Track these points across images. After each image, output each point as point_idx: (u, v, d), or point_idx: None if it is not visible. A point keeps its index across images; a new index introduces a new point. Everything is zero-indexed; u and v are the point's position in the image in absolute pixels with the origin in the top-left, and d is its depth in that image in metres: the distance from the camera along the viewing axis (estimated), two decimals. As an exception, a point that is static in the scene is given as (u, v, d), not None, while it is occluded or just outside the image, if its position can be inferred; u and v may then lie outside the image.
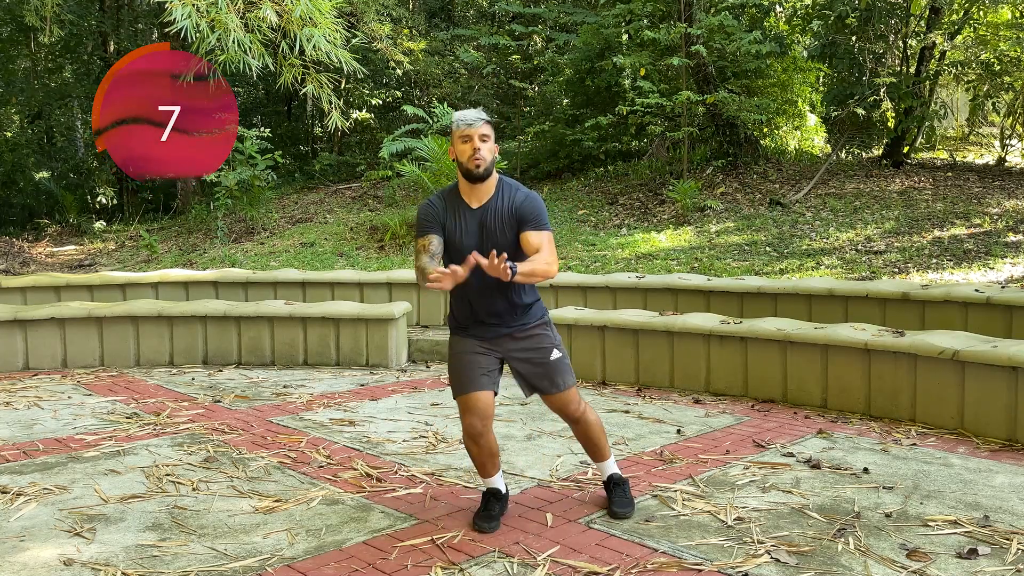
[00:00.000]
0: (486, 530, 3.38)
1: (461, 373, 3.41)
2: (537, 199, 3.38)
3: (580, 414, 3.53)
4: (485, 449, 3.45)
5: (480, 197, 3.35)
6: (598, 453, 3.63)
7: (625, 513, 3.48)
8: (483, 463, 3.50)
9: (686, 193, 11.73)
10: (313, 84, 7.56)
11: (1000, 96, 14.30)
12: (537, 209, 3.34)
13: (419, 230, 3.40)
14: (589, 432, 3.57)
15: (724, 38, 12.86)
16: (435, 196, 3.44)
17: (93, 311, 7.05)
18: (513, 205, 3.34)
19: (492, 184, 3.37)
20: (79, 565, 3.09)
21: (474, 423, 3.38)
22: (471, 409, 3.38)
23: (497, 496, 3.52)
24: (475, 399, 3.37)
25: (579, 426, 3.56)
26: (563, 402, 3.49)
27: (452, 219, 3.36)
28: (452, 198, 3.39)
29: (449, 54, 18.95)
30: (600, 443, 3.60)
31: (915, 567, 2.99)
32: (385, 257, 11.29)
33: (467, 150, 3.27)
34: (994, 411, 4.61)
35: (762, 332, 5.61)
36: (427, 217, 3.37)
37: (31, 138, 20.40)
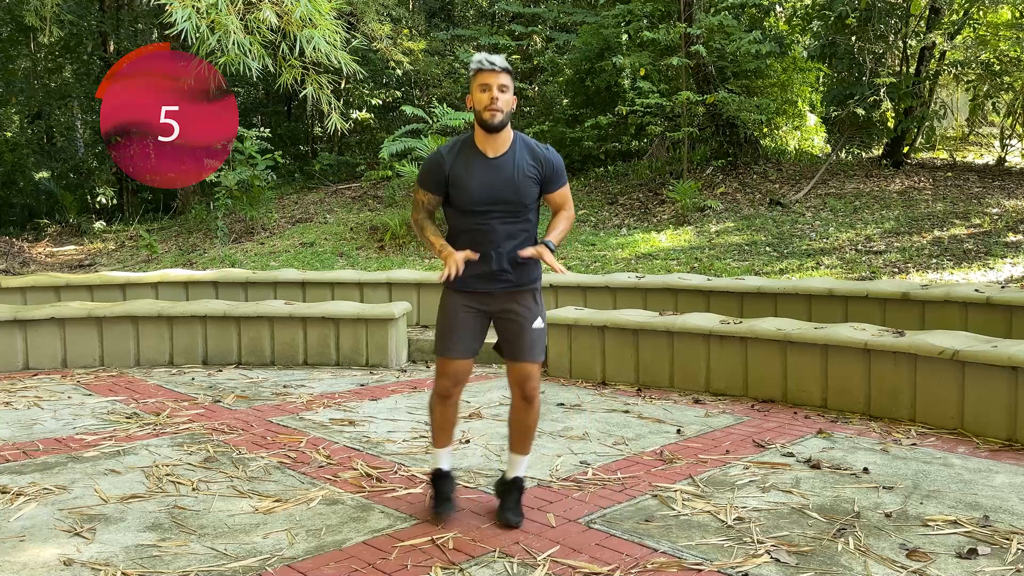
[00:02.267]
0: (443, 513, 3.43)
1: (449, 334, 3.43)
2: (557, 155, 3.47)
3: (534, 394, 3.46)
4: (450, 411, 3.51)
5: (497, 147, 3.34)
6: (524, 444, 3.54)
7: (517, 522, 3.40)
8: (442, 428, 3.54)
9: (686, 193, 11.73)
10: (313, 86, 7.56)
11: (1000, 96, 14.30)
12: (561, 165, 3.47)
13: (420, 179, 3.41)
14: (530, 419, 3.50)
15: (724, 38, 12.87)
16: (447, 146, 3.41)
17: (93, 311, 7.05)
18: (536, 157, 3.37)
19: (508, 136, 3.36)
20: (79, 565, 3.09)
21: (447, 385, 3.45)
22: (448, 372, 3.44)
23: (444, 476, 3.56)
24: (456, 365, 3.43)
25: (529, 408, 3.47)
26: (527, 374, 3.43)
27: (465, 169, 3.32)
28: (467, 148, 3.36)
29: (449, 54, 18.95)
30: (532, 435, 3.55)
31: (915, 567, 2.99)
32: (385, 257, 11.29)
33: (484, 99, 3.24)
34: (994, 411, 4.61)
35: (762, 332, 5.61)
36: (430, 172, 3.38)
37: (31, 138, 20.40)
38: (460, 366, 3.44)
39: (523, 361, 3.43)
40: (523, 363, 3.43)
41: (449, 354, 3.44)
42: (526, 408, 3.49)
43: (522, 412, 3.51)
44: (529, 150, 3.37)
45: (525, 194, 3.33)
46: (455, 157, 3.35)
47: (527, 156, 3.36)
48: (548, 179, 3.39)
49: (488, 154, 3.33)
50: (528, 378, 3.45)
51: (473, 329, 3.45)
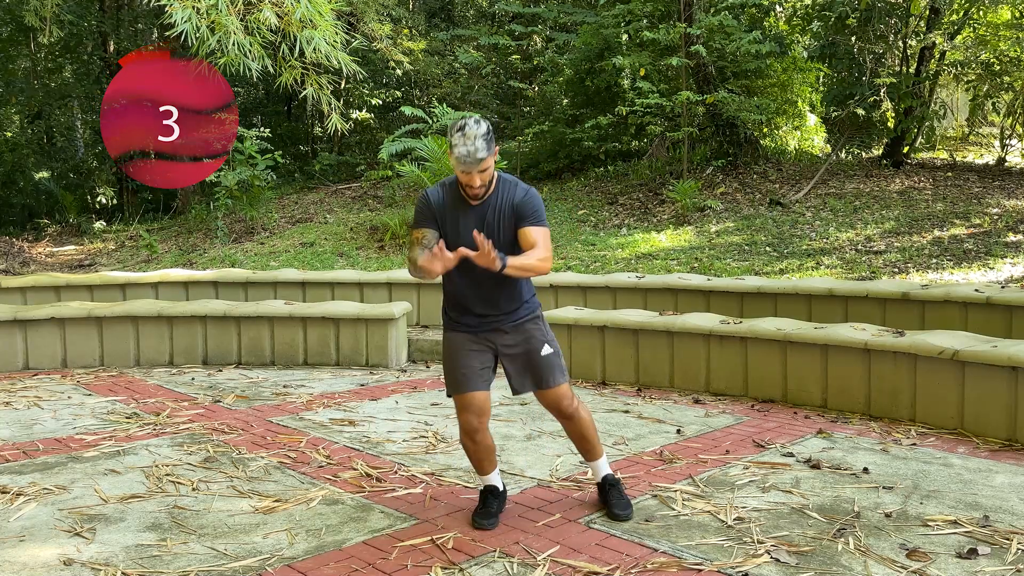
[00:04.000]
0: (485, 527, 3.39)
1: (456, 372, 3.42)
2: (536, 196, 3.39)
3: (573, 411, 3.50)
4: (482, 446, 3.47)
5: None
6: (591, 452, 3.61)
7: (626, 515, 3.47)
8: (480, 460, 3.51)
9: (686, 193, 11.73)
10: (313, 86, 7.56)
11: (1000, 96, 14.29)
12: (535, 205, 3.35)
13: (414, 222, 3.42)
14: (582, 430, 3.55)
15: (724, 38, 12.86)
16: (435, 188, 3.43)
17: (93, 311, 7.05)
18: (513, 202, 3.34)
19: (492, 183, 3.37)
20: (79, 565, 3.09)
21: (470, 420, 3.40)
22: (467, 407, 3.40)
23: (495, 493, 3.54)
24: (471, 398, 3.39)
25: (572, 423, 3.54)
26: (556, 398, 3.47)
27: (450, 214, 3.35)
28: (452, 192, 3.38)
29: (449, 54, 18.95)
30: (593, 441, 3.58)
31: (915, 567, 2.99)
32: (385, 257, 11.29)
33: (465, 180, 3.25)
34: (994, 411, 4.61)
35: (762, 332, 5.61)
36: (422, 211, 3.39)
37: (31, 138, 20.39)
38: (478, 399, 3.40)
39: (548, 389, 3.46)
40: (549, 391, 3.46)
41: (462, 389, 3.41)
42: (571, 424, 3.54)
43: (571, 428, 3.56)
44: (511, 192, 3.36)
45: (503, 236, 3.33)
46: (441, 201, 3.37)
47: (507, 198, 3.36)
48: (519, 215, 3.33)
49: (471, 201, 3.36)
50: (558, 401, 3.48)
51: (479, 363, 3.43)
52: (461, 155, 3.18)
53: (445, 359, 3.50)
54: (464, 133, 3.18)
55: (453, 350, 3.46)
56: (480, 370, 3.42)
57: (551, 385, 3.45)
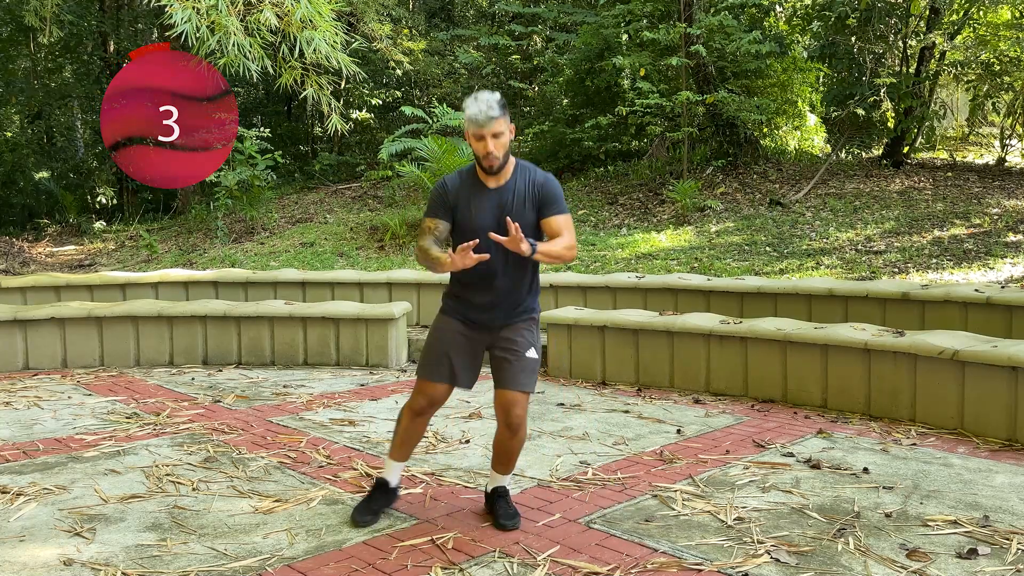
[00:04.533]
0: (359, 523, 3.41)
1: (432, 355, 3.43)
2: (555, 182, 3.40)
3: (519, 424, 3.37)
4: (415, 430, 3.50)
5: (498, 178, 3.36)
6: (506, 467, 3.51)
7: (513, 524, 3.39)
8: (403, 442, 3.52)
9: (686, 193, 11.73)
10: (313, 87, 7.56)
11: (1000, 96, 14.29)
12: (557, 192, 3.36)
13: (427, 210, 3.42)
14: (513, 446, 3.43)
15: (724, 38, 12.87)
16: (452, 176, 3.44)
17: (93, 311, 7.06)
18: (533, 187, 3.34)
19: (509, 166, 3.37)
20: (79, 565, 3.09)
21: (421, 402, 3.45)
22: (425, 392, 3.43)
23: (385, 489, 3.54)
24: (432, 387, 3.42)
25: (511, 435, 3.40)
26: (512, 401, 3.34)
27: (467, 199, 3.34)
28: (469, 178, 3.39)
29: (449, 54, 18.95)
30: (514, 459, 3.51)
31: (915, 567, 2.99)
32: (385, 257, 11.29)
33: (480, 148, 3.26)
34: (994, 411, 4.61)
35: (762, 332, 5.61)
36: (437, 201, 3.39)
37: (31, 138, 20.39)
38: (438, 389, 3.41)
39: (511, 389, 3.35)
40: (510, 391, 3.35)
41: (427, 376, 3.42)
42: (510, 436, 3.41)
43: (505, 439, 3.43)
44: (529, 178, 3.37)
45: (523, 222, 3.30)
46: (458, 187, 3.38)
47: (526, 184, 3.36)
48: (543, 203, 3.33)
49: (489, 184, 3.36)
50: (513, 406, 3.34)
51: (465, 356, 3.41)
52: (473, 113, 3.21)
53: (428, 337, 3.47)
54: (476, 97, 3.25)
55: (440, 332, 3.44)
56: (458, 362, 3.40)
57: (517, 388, 3.34)
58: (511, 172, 3.37)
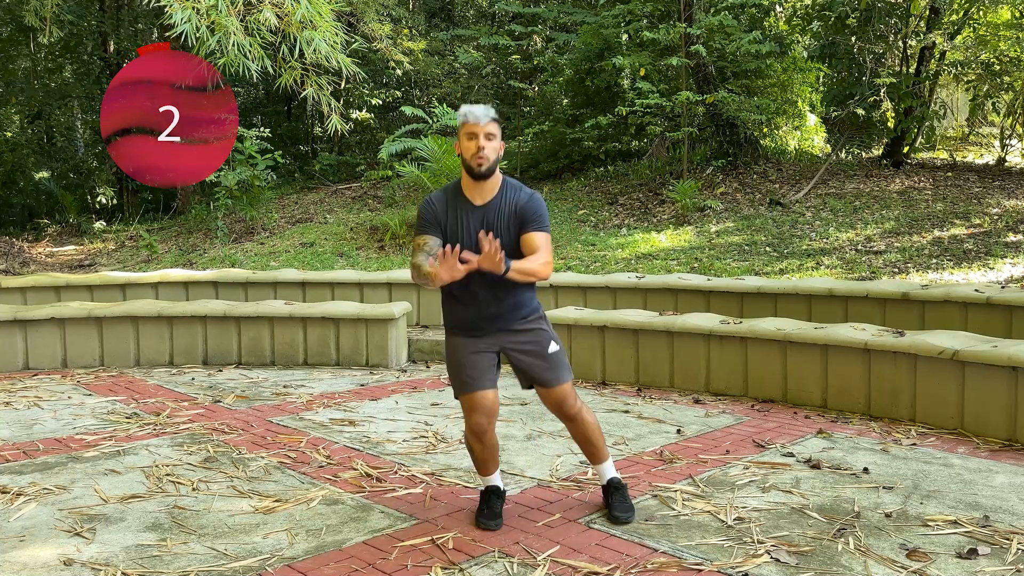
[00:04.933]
0: (491, 528, 3.39)
1: (462, 372, 3.40)
2: (540, 200, 3.40)
3: (576, 411, 3.48)
4: (488, 447, 3.46)
5: (484, 195, 3.36)
6: (595, 455, 3.59)
7: (626, 518, 3.45)
8: (485, 461, 3.50)
9: (686, 193, 11.73)
10: (313, 87, 7.56)
11: (1000, 96, 14.29)
12: (539, 210, 3.37)
13: (417, 229, 3.42)
14: (587, 432, 3.53)
15: (724, 38, 12.87)
16: (437, 193, 3.44)
17: (93, 311, 7.06)
18: (517, 205, 3.35)
19: (496, 183, 3.37)
20: (79, 565, 3.09)
21: (480, 421, 3.38)
22: (477, 408, 3.37)
23: (498, 494, 3.53)
24: (480, 397, 3.37)
25: (575, 425, 3.52)
26: (560, 397, 3.45)
27: (454, 217, 3.36)
28: (455, 195, 3.40)
29: (449, 54, 18.96)
30: (598, 444, 3.56)
31: (915, 567, 2.99)
32: (385, 257, 11.29)
33: (471, 147, 3.27)
34: (994, 411, 4.61)
35: (762, 332, 5.61)
36: (425, 217, 3.38)
37: (31, 138, 20.39)
38: (488, 398, 3.38)
39: (553, 387, 3.44)
40: (552, 389, 3.44)
41: (469, 388, 3.39)
42: (575, 425, 3.52)
43: (575, 430, 3.54)
44: (515, 195, 3.38)
45: (506, 240, 3.33)
46: (445, 204, 3.38)
47: (511, 202, 3.37)
48: (523, 220, 3.34)
49: (475, 201, 3.36)
50: (562, 400, 3.45)
51: (484, 364, 3.42)
52: (468, 109, 3.26)
53: (448, 361, 3.48)
54: (471, 105, 3.32)
55: (456, 352, 3.44)
56: (486, 369, 3.40)
57: (557, 383, 3.43)
58: (497, 189, 3.37)
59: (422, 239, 3.36)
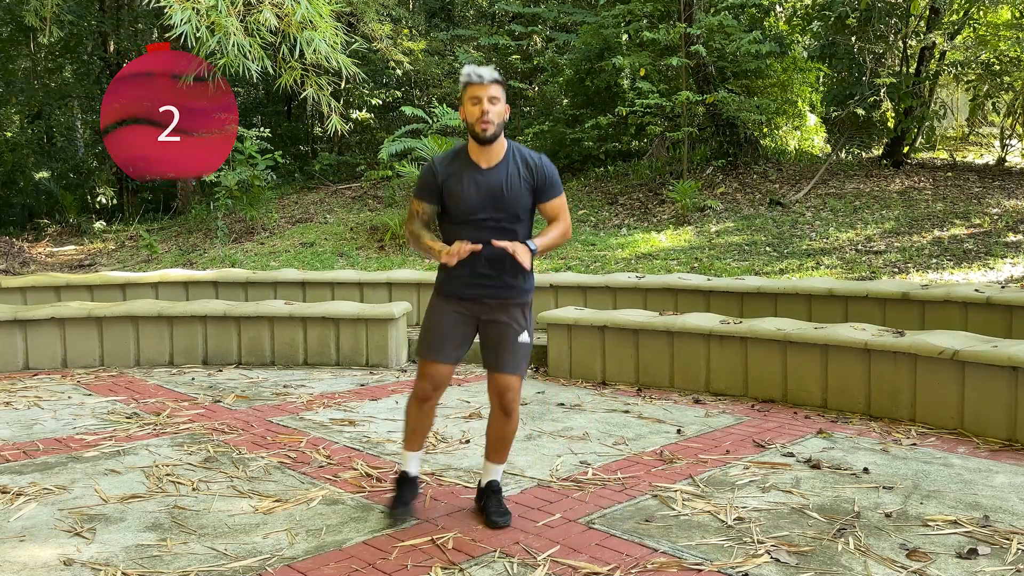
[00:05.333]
0: (398, 517, 3.41)
1: (432, 337, 3.43)
2: (550, 164, 3.42)
3: (513, 407, 3.44)
4: (425, 417, 3.50)
5: (490, 158, 3.33)
6: (500, 454, 3.54)
7: (504, 522, 3.40)
8: (415, 431, 3.53)
9: (686, 193, 11.73)
10: (312, 87, 7.56)
11: (1000, 96, 14.29)
12: (554, 175, 3.39)
13: (416, 191, 3.42)
14: (508, 432, 3.48)
15: (724, 38, 12.87)
16: (440, 157, 3.41)
17: (93, 311, 7.05)
18: (530, 169, 3.34)
19: (502, 146, 3.35)
20: (79, 565, 3.09)
21: (425, 387, 3.44)
22: (429, 375, 3.43)
23: (408, 480, 3.54)
24: (435, 368, 3.42)
25: (507, 421, 3.45)
26: (506, 385, 3.41)
27: (458, 179, 3.32)
28: (461, 158, 3.36)
29: (449, 54, 18.95)
30: (508, 446, 3.54)
31: (915, 567, 2.99)
32: (385, 257, 11.29)
33: (475, 112, 3.24)
34: (994, 411, 4.61)
35: (762, 332, 5.61)
36: (424, 183, 3.38)
37: (31, 138, 20.39)
38: (442, 370, 3.42)
39: (504, 372, 3.40)
40: (504, 374, 3.41)
41: (432, 357, 3.42)
42: (504, 420, 3.46)
43: (500, 423, 3.48)
44: (523, 159, 3.36)
45: (517, 204, 3.32)
46: (448, 167, 3.35)
47: (520, 166, 3.35)
48: (540, 188, 3.35)
49: (481, 165, 3.33)
50: (507, 389, 3.41)
51: (459, 334, 3.42)
52: (470, 71, 3.24)
53: (425, 320, 3.48)
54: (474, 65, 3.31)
55: (436, 313, 3.44)
56: (456, 340, 3.41)
57: (510, 372, 3.40)
58: (503, 153, 3.34)
59: (418, 205, 3.37)
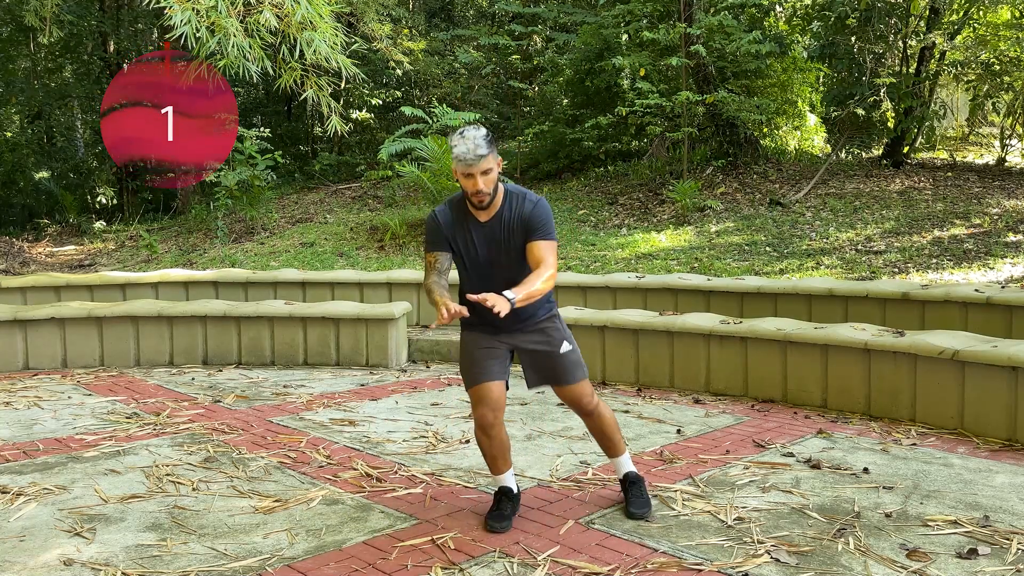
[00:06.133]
0: (496, 529, 3.39)
1: (472, 365, 3.44)
2: (545, 207, 3.40)
3: (593, 407, 3.55)
4: (496, 442, 3.46)
5: (488, 211, 3.38)
6: (612, 448, 3.64)
7: (643, 514, 3.48)
8: (494, 457, 3.51)
9: (686, 193, 11.74)
10: (312, 88, 7.55)
11: (1000, 96, 14.29)
12: (545, 218, 3.36)
13: (426, 245, 3.46)
14: (603, 426, 3.59)
15: (724, 38, 12.86)
16: (442, 207, 3.45)
17: (93, 311, 7.06)
18: (522, 215, 3.35)
19: (499, 198, 3.37)
20: (79, 565, 3.09)
21: (486, 414, 3.39)
22: (483, 399, 3.40)
23: (509, 495, 3.53)
24: (487, 389, 3.39)
25: (592, 420, 3.58)
26: (576, 395, 3.51)
27: (461, 232, 3.39)
28: (460, 209, 3.41)
29: (449, 54, 18.96)
30: (614, 438, 3.62)
31: (915, 567, 2.99)
32: (385, 257, 11.29)
33: (470, 186, 3.27)
34: (994, 411, 4.61)
35: (762, 332, 5.61)
36: (433, 233, 3.41)
37: (31, 138, 20.39)
38: (494, 390, 3.39)
39: (563, 386, 3.51)
40: (568, 387, 3.50)
41: (480, 380, 3.40)
42: (592, 420, 3.59)
43: (592, 424, 3.61)
44: (519, 205, 3.37)
45: (516, 249, 3.38)
46: (450, 220, 3.40)
47: (516, 213, 3.36)
48: (529, 229, 3.34)
49: (481, 218, 3.38)
50: (579, 398, 3.52)
51: (498, 355, 3.45)
52: (461, 152, 3.21)
53: (461, 355, 3.53)
54: (463, 135, 3.25)
55: (468, 346, 3.49)
56: (495, 364, 3.44)
57: (570, 382, 3.49)
58: (500, 202, 3.37)
59: (432, 256, 3.40)
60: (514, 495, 3.54)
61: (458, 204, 3.42)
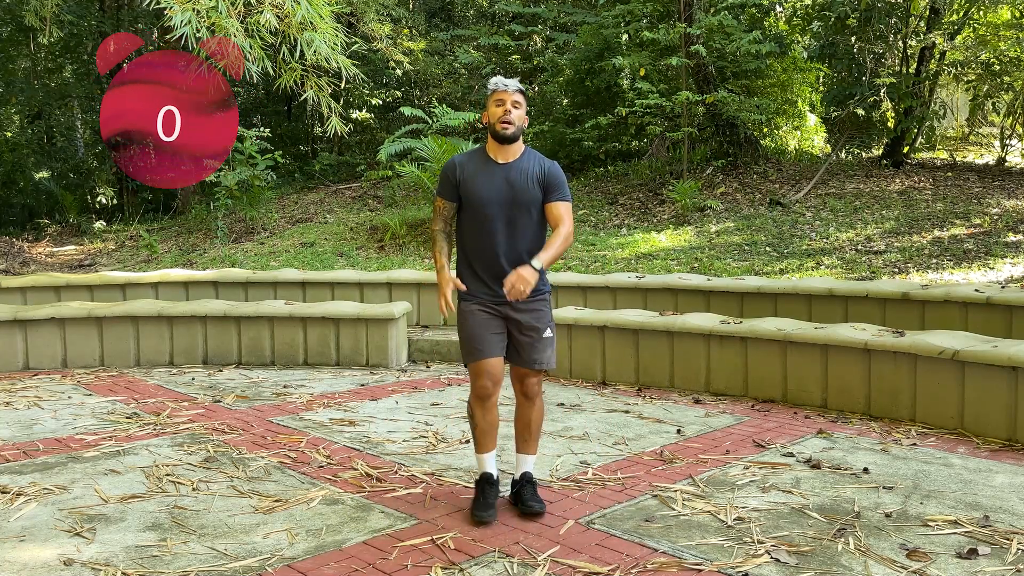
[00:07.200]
0: (484, 519, 3.42)
1: (472, 339, 3.51)
2: (560, 170, 3.61)
3: (536, 391, 3.60)
4: (490, 416, 3.54)
5: (507, 155, 3.54)
6: (530, 444, 3.65)
7: (540, 508, 3.50)
8: (484, 432, 3.56)
9: (686, 193, 11.73)
10: (312, 88, 7.55)
11: (1000, 96, 14.29)
12: (562, 178, 3.59)
13: (438, 188, 3.64)
14: (537, 418, 3.63)
15: (724, 38, 12.87)
16: (461, 155, 3.63)
17: (93, 311, 7.06)
18: (541, 169, 3.54)
19: (519, 147, 3.57)
20: (79, 565, 3.10)
21: (486, 384, 3.48)
22: (483, 372, 3.48)
23: (490, 481, 3.57)
24: (488, 364, 3.48)
25: (531, 405, 3.61)
26: (535, 380, 3.59)
27: (476, 173, 3.53)
28: (479, 154, 3.60)
29: (449, 54, 18.95)
30: (537, 435, 3.66)
31: (915, 567, 2.99)
32: (385, 257, 11.29)
33: (498, 112, 3.47)
34: (994, 411, 4.61)
35: (762, 332, 5.61)
36: (445, 178, 3.60)
37: (31, 138, 20.38)
38: (494, 364, 3.50)
39: (532, 368, 3.56)
40: (531, 370, 3.56)
41: (481, 355, 3.49)
42: (528, 405, 3.61)
43: (525, 409, 3.63)
44: (537, 160, 3.58)
45: (529, 196, 3.50)
46: (467, 163, 3.58)
47: (533, 165, 3.55)
48: (548, 187, 3.53)
49: (498, 160, 3.54)
50: (535, 383, 3.60)
51: (495, 326, 3.52)
52: (497, 80, 3.51)
53: (460, 328, 3.58)
54: (497, 77, 3.56)
55: (467, 318, 3.54)
56: (495, 336, 3.51)
57: (540, 367, 3.55)
58: (520, 153, 3.57)
59: (441, 202, 3.60)
60: (495, 480, 3.59)
61: (479, 150, 3.61)
